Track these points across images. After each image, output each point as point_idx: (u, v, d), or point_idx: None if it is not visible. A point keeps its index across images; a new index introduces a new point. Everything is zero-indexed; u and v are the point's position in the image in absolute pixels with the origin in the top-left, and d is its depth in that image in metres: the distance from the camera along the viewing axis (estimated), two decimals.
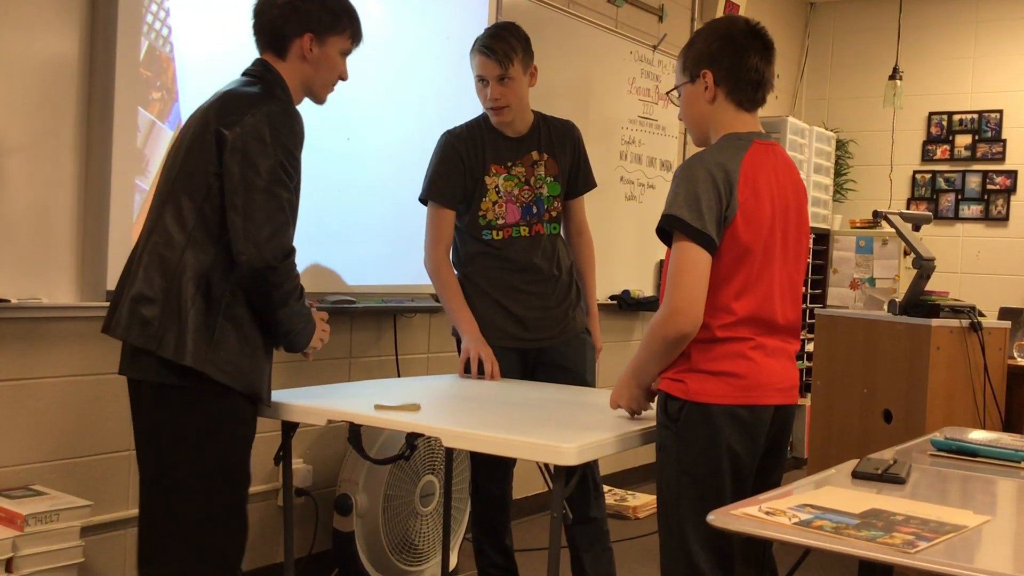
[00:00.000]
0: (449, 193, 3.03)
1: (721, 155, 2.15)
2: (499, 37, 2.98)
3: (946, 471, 2.09)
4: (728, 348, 2.13)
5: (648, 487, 5.22)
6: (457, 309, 3.04)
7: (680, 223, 2.08)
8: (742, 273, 2.13)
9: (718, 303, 2.12)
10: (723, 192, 2.09)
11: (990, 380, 3.87)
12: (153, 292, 2.16)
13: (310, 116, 3.34)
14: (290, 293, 2.23)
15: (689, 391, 2.12)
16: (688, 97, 2.27)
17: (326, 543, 3.53)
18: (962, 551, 1.48)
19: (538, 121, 3.14)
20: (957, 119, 6.64)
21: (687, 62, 2.25)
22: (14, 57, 2.65)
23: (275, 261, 2.15)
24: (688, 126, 2.34)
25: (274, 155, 2.16)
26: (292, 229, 2.22)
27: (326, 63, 2.38)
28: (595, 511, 3.11)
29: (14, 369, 2.72)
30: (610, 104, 4.96)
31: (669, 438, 2.17)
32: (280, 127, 2.19)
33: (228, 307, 2.18)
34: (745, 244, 2.12)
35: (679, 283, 2.09)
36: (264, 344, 2.28)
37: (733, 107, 2.22)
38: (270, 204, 2.15)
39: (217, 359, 2.16)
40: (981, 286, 6.35)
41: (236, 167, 2.15)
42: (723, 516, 1.58)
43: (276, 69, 2.33)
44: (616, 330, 5.21)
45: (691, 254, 2.08)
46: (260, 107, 2.20)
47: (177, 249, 2.17)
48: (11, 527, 2.46)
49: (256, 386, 2.26)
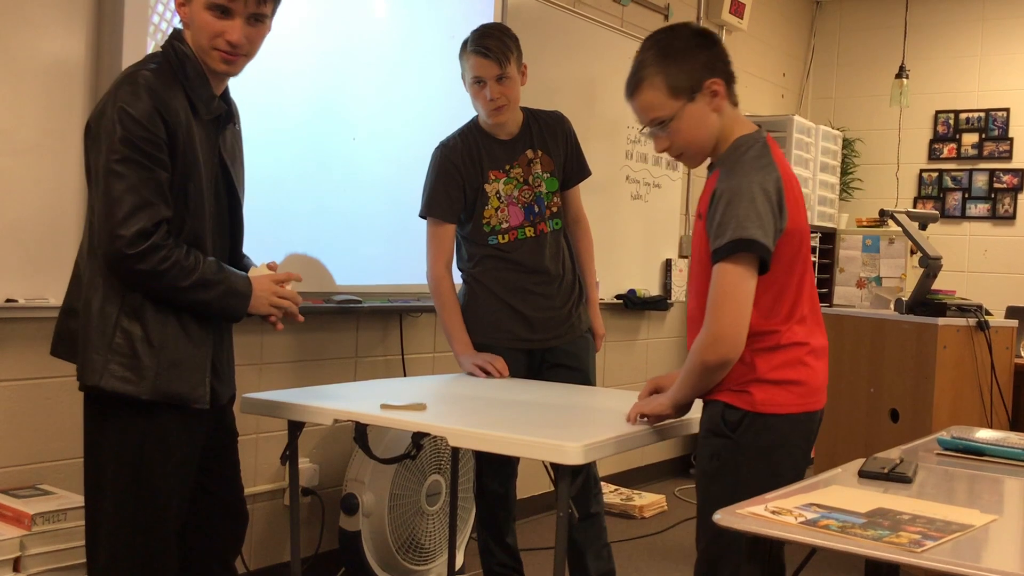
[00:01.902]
0: (448, 208, 3.04)
1: (761, 164, 2.09)
2: (493, 36, 2.97)
3: (953, 470, 2.09)
4: (790, 355, 2.11)
5: (654, 486, 5.22)
6: (453, 329, 3.06)
7: (755, 245, 2.01)
8: (796, 274, 2.13)
9: (779, 309, 2.11)
10: (775, 205, 2.05)
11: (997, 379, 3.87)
12: (76, 304, 2.07)
13: (315, 117, 3.37)
14: (171, 275, 1.99)
15: (755, 402, 2.09)
16: (692, 118, 2.13)
17: (332, 542, 3.54)
18: (969, 550, 1.48)
19: (527, 118, 3.13)
20: (964, 117, 6.62)
21: (678, 83, 2.11)
22: (21, 58, 2.66)
23: (130, 248, 1.93)
24: (694, 149, 2.17)
25: (120, 132, 1.94)
26: (156, 211, 1.97)
27: (196, 23, 2.06)
28: (595, 507, 3.12)
29: (22, 369, 2.73)
30: (615, 103, 4.93)
31: (727, 448, 2.12)
32: (127, 101, 1.96)
33: (131, 307, 2.00)
34: (797, 245, 2.12)
35: (725, 309, 2.04)
36: (200, 336, 2.09)
37: (731, 109, 2.17)
38: (120, 186, 1.94)
39: (114, 367, 1.98)
40: (988, 285, 6.34)
41: (91, 155, 2.01)
42: (729, 515, 1.57)
43: (184, 39, 2.11)
44: (622, 329, 5.21)
45: (742, 279, 2.03)
46: (116, 87, 2.01)
47: (83, 256, 2.07)
48: (19, 526, 2.47)
49: (176, 389, 2.04)
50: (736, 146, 2.15)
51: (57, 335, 2.14)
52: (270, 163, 3.24)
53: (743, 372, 2.11)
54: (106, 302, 2.02)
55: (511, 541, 3.19)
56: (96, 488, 2.11)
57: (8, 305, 2.63)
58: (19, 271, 2.66)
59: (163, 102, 2.00)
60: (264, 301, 2.18)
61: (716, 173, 2.15)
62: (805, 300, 2.17)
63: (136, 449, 2.06)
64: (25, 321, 2.71)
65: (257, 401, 2.48)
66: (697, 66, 2.12)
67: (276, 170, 3.26)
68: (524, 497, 4.26)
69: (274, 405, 2.46)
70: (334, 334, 3.60)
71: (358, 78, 3.51)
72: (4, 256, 2.64)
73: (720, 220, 2.04)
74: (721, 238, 2.03)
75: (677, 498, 5.07)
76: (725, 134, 2.17)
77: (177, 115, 2.03)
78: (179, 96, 2.05)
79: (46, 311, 2.71)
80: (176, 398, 2.05)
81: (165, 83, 2.04)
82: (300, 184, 3.34)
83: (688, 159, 2.22)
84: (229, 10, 2.06)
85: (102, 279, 2.02)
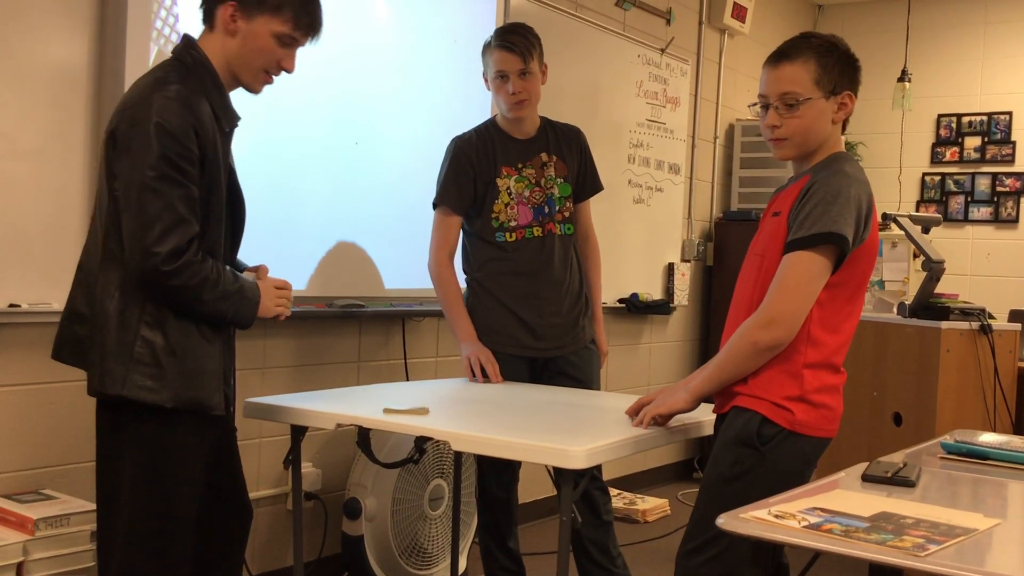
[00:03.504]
0: (459, 199, 3.05)
1: (862, 177, 2.17)
2: (517, 32, 3.04)
3: (956, 474, 2.09)
4: (833, 379, 2.17)
5: (657, 490, 5.22)
6: (455, 314, 3.06)
7: (841, 240, 2.06)
8: (854, 295, 2.18)
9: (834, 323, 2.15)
10: (862, 218, 2.12)
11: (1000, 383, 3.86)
12: (83, 308, 2.07)
13: (318, 121, 3.37)
14: (198, 289, 2.03)
15: (795, 422, 2.11)
16: (816, 111, 2.18)
17: (335, 547, 3.54)
18: (972, 554, 1.48)
19: (545, 124, 3.17)
20: (966, 121, 6.62)
21: (829, 76, 2.18)
22: (24, 63, 2.66)
23: (165, 265, 1.96)
24: (798, 139, 2.21)
25: (158, 148, 1.96)
26: (189, 228, 2.01)
27: (252, 43, 2.11)
28: (606, 515, 3.13)
29: (25, 374, 2.73)
30: (618, 107, 4.96)
31: (752, 459, 2.13)
32: (166, 116, 1.97)
33: (152, 315, 2.02)
34: (864, 268, 2.16)
35: (791, 293, 2.08)
36: (208, 347, 2.11)
37: (840, 130, 2.27)
38: (157, 203, 1.96)
39: (137, 376, 2.00)
40: (991, 288, 6.33)
41: (124, 167, 1.99)
42: (732, 519, 1.57)
43: (200, 46, 2.13)
44: (624, 333, 5.20)
45: (818, 268, 2.08)
46: (147, 98, 2.00)
47: (95, 262, 2.06)
48: (22, 531, 2.47)
49: (196, 395, 2.07)
50: (836, 158, 2.22)
51: (60, 339, 2.14)
52: (272, 168, 3.24)
53: (789, 385, 2.12)
54: (125, 311, 2.02)
55: (513, 545, 3.18)
56: (112, 495, 2.12)
57: (11, 310, 2.64)
58: (22, 276, 2.66)
59: (196, 116, 2.03)
60: (271, 305, 2.24)
61: (806, 178, 2.19)
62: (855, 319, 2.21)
63: (156, 456, 2.08)
64: (28, 326, 2.71)
65: (260, 405, 2.49)
66: (847, 77, 2.21)
67: (278, 174, 3.27)
68: (528, 501, 4.26)
69: (277, 409, 2.47)
70: (337, 338, 3.60)
71: (361, 83, 3.51)
72: (7, 261, 2.64)
73: (810, 212, 2.09)
74: (807, 229, 2.08)
75: (680, 502, 5.07)
76: (829, 147, 2.25)
77: (207, 128, 2.06)
78: (206, 107, 2.08)
79: (49, 316, 2.71)
80: (196, 405, 2.08)
81: (194, 94, 2.05)
82: (302, 188, 3.34)
83: (787, 147, 2.24)
84: (295, 42, 2.15)
85: (118, 287, 2.03)
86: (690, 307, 5.71)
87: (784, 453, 2.12)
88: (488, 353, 3.01)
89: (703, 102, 5.70)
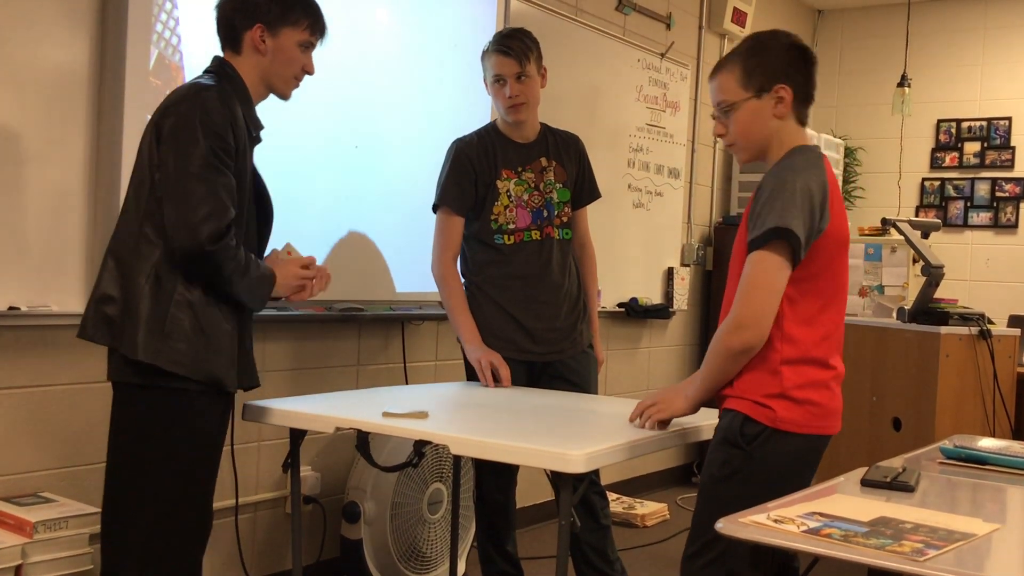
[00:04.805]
0: (460, 200, 3.05)
1: (810, 168, 2.15)
2: (514, 37, 3.06)
3: (955, 479, 2.09)
4: (819, 375, 2.14)
5: (656, 495, 5.22)
6: (460, 317, 3.05)
7: (788, 234, 2.05)
8: (828, 287, 2.16)
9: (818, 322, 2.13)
10: (816, 208, 2.09)
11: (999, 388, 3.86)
12: (114, 291, 2.19)
13: (318, 124, 3.37)
14: (233, 272, 2.20)
15: (776, 419, 2.10)
16: (751, 113, 2.20)
17: (334, 551, 3.53)
18: (971, 559, 1.48)
19: (545, 130, 3.19)
20: (966, 126, 6.62)
21: (751, 77, 2.19)
22: (24, 66, 2.67)
23: (209, 244, 2.13)
24: (743, 143, 2.24)
25: (203, 141, 2.16)
26: (229, 213, 2.19)
27: (281, 55, 2.36)
28: (604, 520, 3.13)
29: (24, 376, 2.73)
30: (618, 112, 4.97)
31: (740, 458, 2.13)
32: (210, 112, 2.18)
33: (182, 295, 2.17)
34: (830, 257, 2.14)
35: (754, 295, 2.08)
36: (231, 328, 2.26)
37: (795, 123, 2.23)
38: (201, 189, 2.14)
39: (169, 349, 2.15)
40: (990, 294, 6.33)
41: (170, 157, 2.17)
42: (732, 524, 1.57)
43: (232, 64, 2.34)
44: (624, 338, 5.20)
45: (775, 266, 2.07)
46: (192, 97, 2.20)
47: (130, 246, 2.19)
48: (20, 534, 2.47)
49: (216, 373, 2.22)
50: (789, 153, 2.20)
51: (87, 319, 2.23)
52: (272, 171, 3.24)
53: (769, 382, 2.12)
54: (159, 290, 2.17)
55: (511, 549, 3.18)
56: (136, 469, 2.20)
57: (11, 313, 2.64)
58: (22, 279, 2.66)
59: (234, 116, 2.24)
60: (290, 282, 2.39)
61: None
62: (839, 325, 2.21)
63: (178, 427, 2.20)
64: (28, 329, 2.71)
65: (259, 409, 2.49)
66: (774, 68, 2.19)
67: (278, 178, 3.26)
68: (527, 505, 4.26)
69: (276, 413, 2.47)
70: (336, 342, 3.60)
71: (361, 87, 3.52)
72: (7, 264, 2.64)
73: (760, 211, 2.10)
74: (758, 228, 2.08)
75: (679, 507, 5.06)
76: (782, 143, 2.22)
77: (240, 129, 2.26)
78: (240, 113, 2.28)
79: (48, 318, 2.72)
80: (216, 382, 2.23)
81: (231, 100, 2.26)
82: (302, 192, 3.34)
83: (738, 151, 2.29)
84: (312, 46, 2.42)
85: (153, 268, 2.17)
86: (689, 311, 5.71)
87: (772, 451, 2.10)
88: (498, 356, 3.00)
89: (703, 107, 5.70)
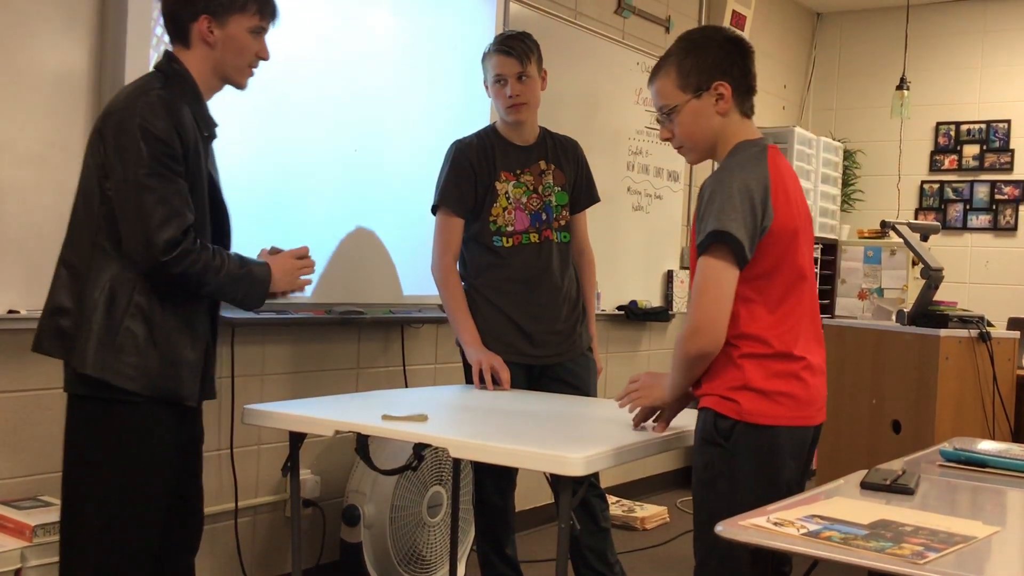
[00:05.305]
0: (459, 201, 3.05)
1: (750, 165, 2.13)
2: (515, 38, 3.08)
3: (955, 482, 2.09)
4: (783, 366, 2.11)
5: (656, 498, 5.21)
6: (461, 319, 3.05)
7: (728, 237, 2.04)
8: (784, 281, 2.13)
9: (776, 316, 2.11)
10: (758, 205, 2.08)
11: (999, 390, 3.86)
12: (67, 302, 2.14)
13: (317, 129, 3.38)
14: (203, 274, 2.14)
15: (743, 411, 2.09)
16: (693, 114, 2.20)
17: (334, 554, 3.53)
18: (972, 562, 1.48)
19: (544, 134, 3.19)
20: (965, 129, 6.63)
21: (688, 77, 2.19)
22: (24, 69, 2.67)
23: (164, 255, 2.07)
24: (690, 144, 2.25)
25: (146, 149, 2.08)
26: (185, 218, 2.11)
27: (232, 45, 2.24)
28: (604, 522, 3.12)
29: (22, 380, 2.73)
30: (617, 115, 4.97)
31: (719, 456, 2.12)
32: (149, 119, 2.09)
33: (138, 307, 2.11)
34: (782, 251, 2.11)
35: (703, 301, 2.08)
36: (190, 341, 2.19)
37: (739, 116, 2.21)
38: (151, 199, 2.08)
39: (119, 363, 2.09)
40: (990, 296, 6.33)
41: (116, 170, 2.11)
42: (731, 527, 1.57)
43: (180, 60, 2.24)
44: (623, 340, 5.20)
45: (720, 271, 2.06)
46: (131, 104, 2.12)
47: (84, 257, 2.14)
48: (19, 538, 2.47)
49: (170, 386, 2.15)
50: (733, 151, 2.19)
51: (42, 332, 2.18)
52: (272, 174, 3.25)
53: (733, 376, 2.11)
54: (113, 302, 2.11)
55: (511, 552, 3.18)
56: (81, 487, 2.15)
57: (10, 316, 2.64)
58: (21, 282, 2.66)
59: (178, 119, 2.14)
60: (290, 278, 2.35)
61: None
62: (805, 314, 2.17)
63: (128, 445, 2.13)
64: (27, 332, 2.69)
65: (258, 412, 2.48)
66: (710, 66, 2.17)
67: (278, 181, 3.27)
68: (526, 508, 4.25)
69: (275, 416, 2.46)
70: (336, 345, 3.60)
71: (360, 90, 3.52)
72: (6, 267, 2.64)
73: (702, 216, 2.11)
74: (701, 233, 2.10)
75: (679, 509, 5.06)
76: (727, 139, 2.21)
77: (188, 131, 2.16)
78: (187, 112, 2.19)
79: None
80: (171, 395, 2.17)
81: (175, 100, 2.17)
82: (302, 195, 3.34)
83: (686, 152, 2.29)
84: (264, 30, 2.30)
85: (109, 279, 2.11)
86: None
87: (749, 446, 2.09)
88: (499, 359, 2.99)
89: None
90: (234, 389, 3.21)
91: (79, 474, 2.17)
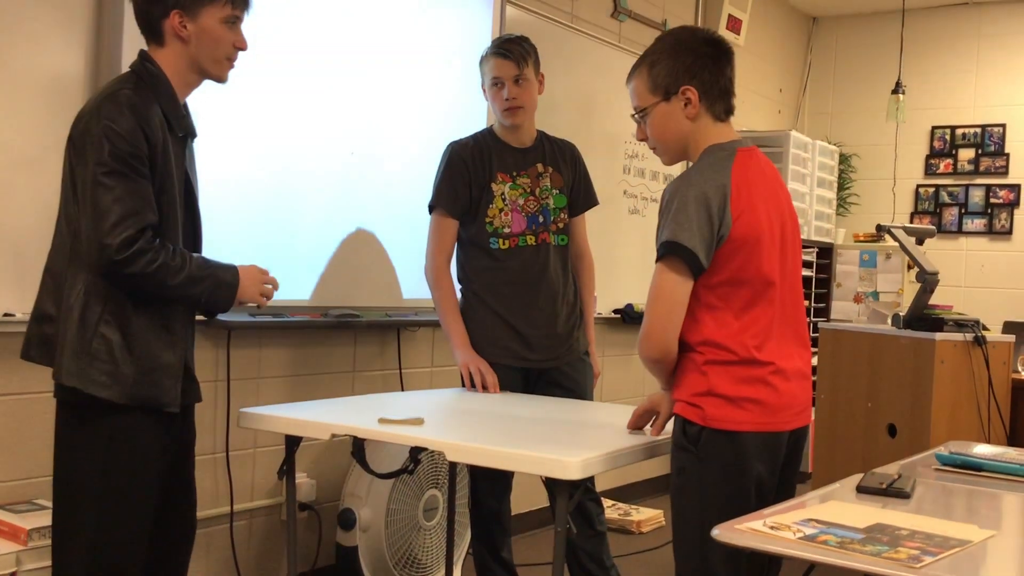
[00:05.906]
0: (454, 202, 3.05)
1: (709, 172, 2.12)
2: (512, 41, 3.09)
3: (951, 485, 2.09)
4: (749, 372, 2.09)
5: (652, 501, 5.21)
6: (451, 321, 3.06)
7: (680, 248, 2.05)
8: (749, 287, 2.11)
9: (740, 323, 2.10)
10: (715, 214, 2.07)
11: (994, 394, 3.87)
12: (51, 309, 2.13)
13: (314, 132, 3.38)
14: (159, 275, 2.08)
15: (707, 417, 2.08)
16: (662, 117, 2.20)
17: (329, 557, 3.53)
18: (967, 566, 1.48)
19: (541, 136, 3.19)
20: (960, 133, 6.65)
21: (657, 80, 2.18)
22: (20, 72, 2.66)
23: (118, 255, 2.02)
24: (661, 147, 2.25)
25: (107, 148, 2.04)
26: (144, 217, 2.06)
27: (206, 38, 2.19)
28: (599, 526, 3.12)
29: (18, 383, 2.73)
30: (613, 118, 4.97)
31: (689, 461, 2.12)
32: (113, 120, 2.06)
33: (112, 314, 2.08)
34: (745, 258, 2.09)
35: (653, 309, 2.12)
36: (168, 344, 2.16)
37: (711, 120, 2.19)
38: (108, 198, 2.03)
39: (93, 371, 2.06)
40: (985, 300, 6.35)
41: (76, 168, 2.09)
42: (728, 531, 1.57)
43: (155, 59, 2.20)
44: (619, 344, 5.20)
45: (672, 281, 2.08)
46: (96, 109, 2.10)
47: (63, 264, 2.12)
48: (15, 541, 2.46)
49: (146, 393, 2.12)
50: (701, 156, 2.19)
51: (29, 340, 2.18)
52: (269, 177, 3.24)
53: (697, 382, 2.11)
54: (87, 309, 2.08)
55: (507, 556, 3.18)
56: (70, 491, 2.15)
57: (5, 319, 2.63)
58: (17, 284, 2.65)
59: (145, 119, 2.11)
60: (254, 290, 2.27)
61: None
62: (776, 319, 2.15)
63: (111, 452, 2.12)
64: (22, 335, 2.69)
65: (254, 415, 2.48)
66: (679, 70, 2.17)
67: (274, 184, 3.27)
68: (522, 512, 4.25)
69: (271, 419, 2.46)
70: (332, 348, 3.60)
71: (356, 94, 3.52)
72: (2, 270, 2.64)
73: (659, 224, 2.14)
74: (657, 242, 2.13)
75: None
76: (698, 143, 2.20)
77: (156, 131, 2.13)
78: (157, 113, 2.16)
79: None
80: (151, 401, 2.13)
81: (144, 101, 2.14)
82: (298, 198, 3.34)
83: (659, 154, 2.31)
84: (239, 20, 2.24)
85: (83, 285, 2.09)
86: None
87: (718, 452, 2.08)
88: (484, 363, 3.00)
89: None
90: (230, 392, 3.21)
91: (66, 481, 2.16)
